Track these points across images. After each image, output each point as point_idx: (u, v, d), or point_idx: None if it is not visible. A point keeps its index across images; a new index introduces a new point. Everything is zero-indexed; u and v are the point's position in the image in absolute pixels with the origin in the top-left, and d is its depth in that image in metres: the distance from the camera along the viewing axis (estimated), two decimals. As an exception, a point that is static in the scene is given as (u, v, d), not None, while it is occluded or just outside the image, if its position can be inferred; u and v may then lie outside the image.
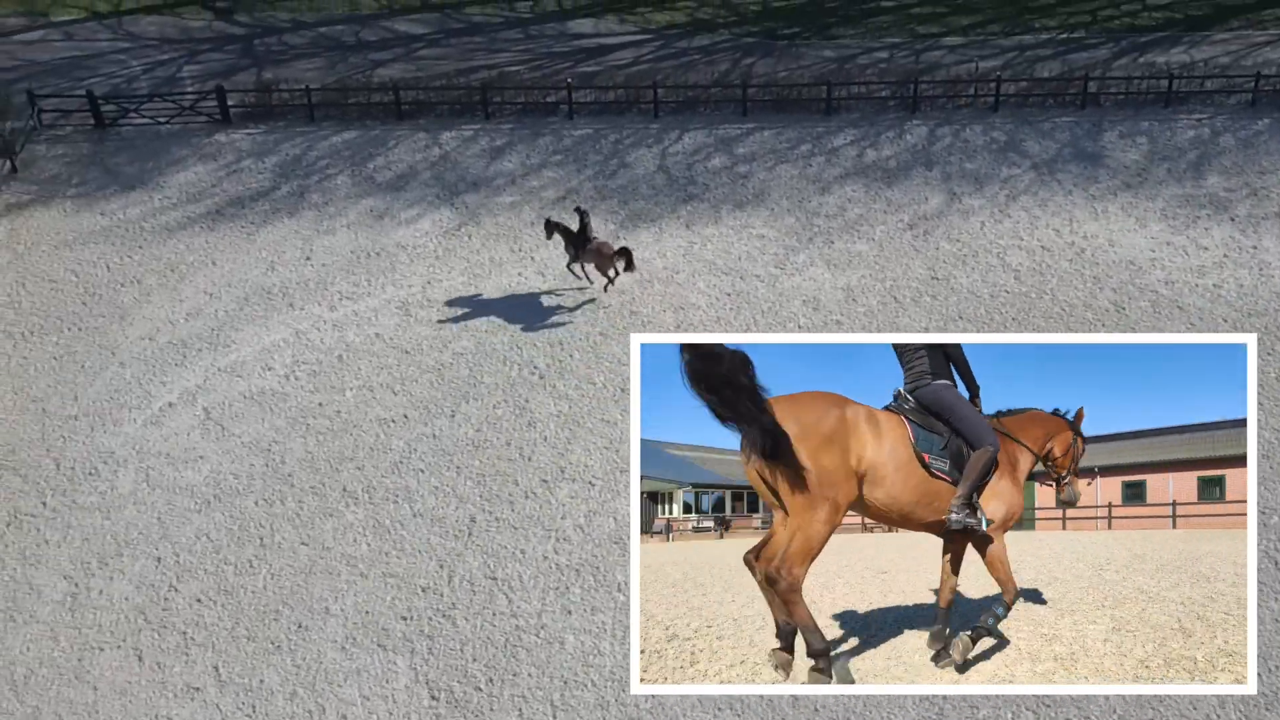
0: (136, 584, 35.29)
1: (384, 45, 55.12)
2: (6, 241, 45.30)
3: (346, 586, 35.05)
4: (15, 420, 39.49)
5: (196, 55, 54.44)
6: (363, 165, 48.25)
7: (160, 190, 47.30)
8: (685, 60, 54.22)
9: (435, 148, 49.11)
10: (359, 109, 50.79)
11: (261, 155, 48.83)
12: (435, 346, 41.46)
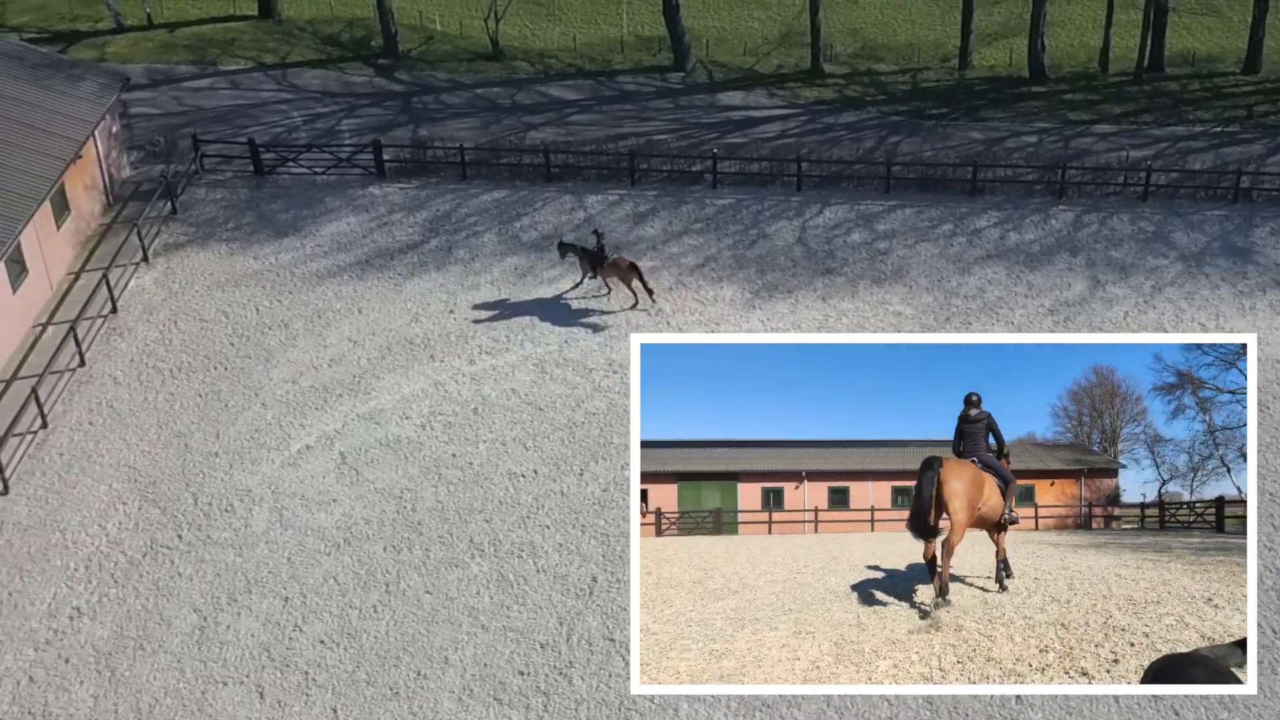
0: (263, 622, 35.51)
1: (537, 109, 55.65)
2: (162, 280, 46.28)
3: (467, 638, 34.93)
4: (159, 454, 40.13)
5: (356, 110, 55.40)
6: (509, 224, 48.61)
7: (312, 238, 48.07)
8: (831, 136, 53.97)
9: (580, 210, 49.34)
10: (509, 169, 51.25)
11: (412, 209, 49.43)
12: (568, 405, 41.42)
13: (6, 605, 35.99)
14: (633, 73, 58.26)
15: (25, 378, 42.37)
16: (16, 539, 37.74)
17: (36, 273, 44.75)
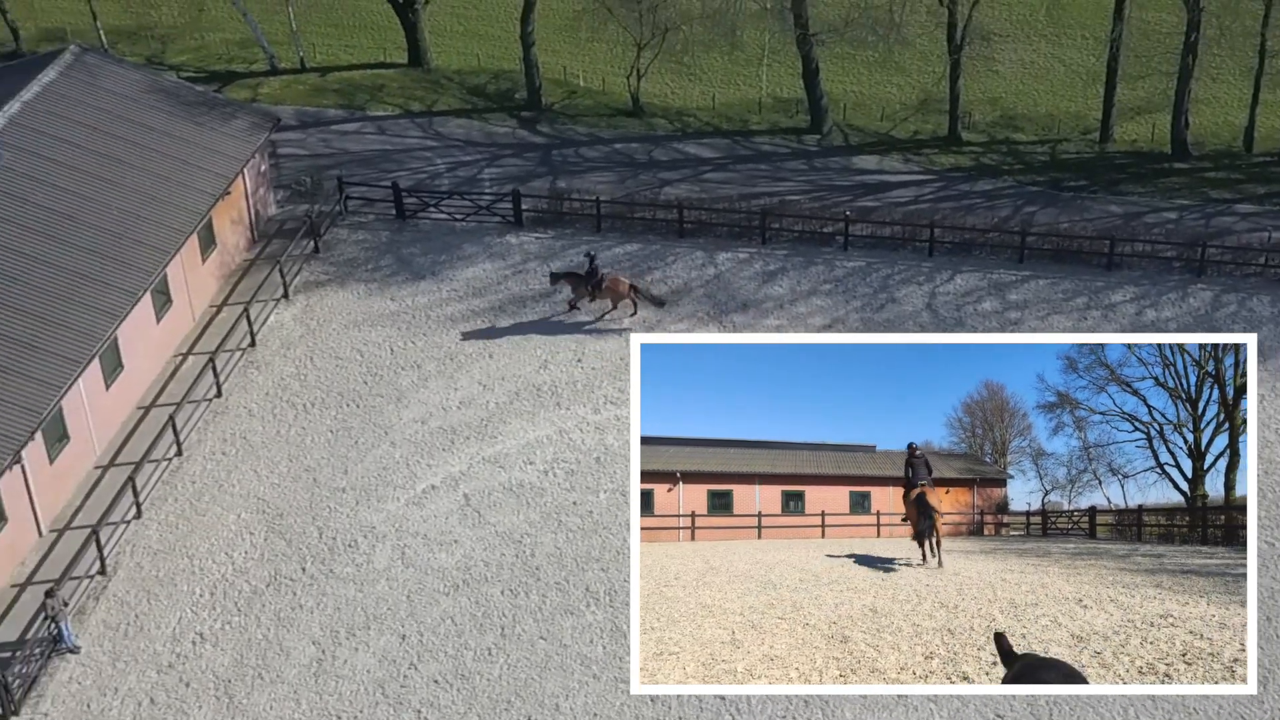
0: (379, 658, 35.55)
1: (673, 165, 55.70)
2: (301, 316, 46.91)
3: (578, 686, 34.64)
4: (288, 487, 40.52)
5: (497, 159, 55.90)
6: (641, 277, 48.56)
7: (448, 282, 48.43)
8: (965, 203, 53.28)
9: (711, 267, 49.16)
10: (643, 223, 51.28)
11: (547, 259, 49.62)
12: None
13: (133, 627, 36.46)
14: (769, 133, 58.11)
15: (163, 405, 43.11)
16: (146, 562, 38.28)
17: (180, 304, 45.60)
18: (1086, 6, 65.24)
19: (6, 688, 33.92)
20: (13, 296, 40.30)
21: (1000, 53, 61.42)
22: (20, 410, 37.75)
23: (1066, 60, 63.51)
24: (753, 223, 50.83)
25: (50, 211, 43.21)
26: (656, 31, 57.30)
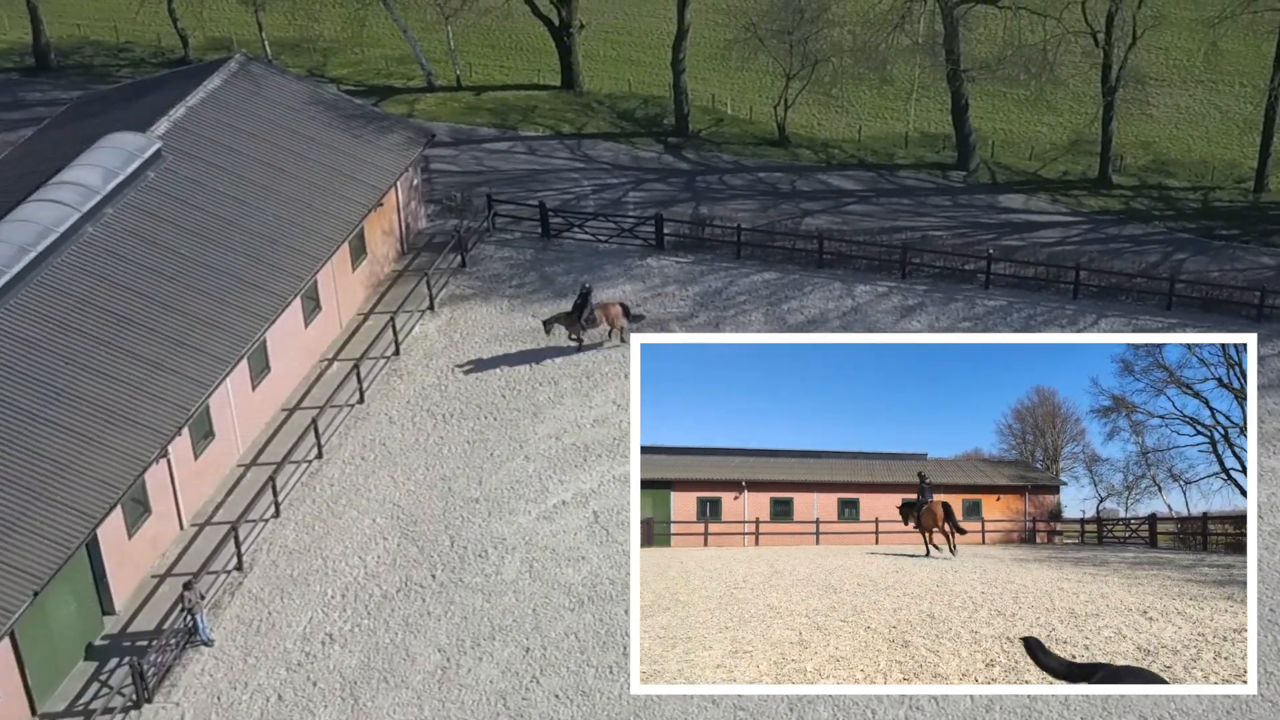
0: (503, 669, 35.62)
1: (815, 196, 55.32)
2: (445, 328, 47.34)
3: (698, 711, 34.35)
4: (423, 495, 40.86)
5: (642, 183, 55.99)
6: (777, 305, 48.25)
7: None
8: (1112, 247, 52.09)
9: (849, 299, 48.67)
10: (783, 252, 50.97)
11: (685, 283, 49.54)
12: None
13: (265, 624, 36.98)
14: (914, 168, 57.45)
15: (307, 408, 43.76)
16: (282, 561, 38.83)
17: (329, 310, 46.30)
18: (1245, 55, 63.55)
19: (142, 675, 34.59)
20: (170, 295, 41.24)
21: (1155, 97, 60.02)
22: (170, 406, 38.58)
23: (1223, 107, 61.92)
24: (893, 256, 50.24)
25: (209, 215, 44.18)
26: (806, 63, 57.01)
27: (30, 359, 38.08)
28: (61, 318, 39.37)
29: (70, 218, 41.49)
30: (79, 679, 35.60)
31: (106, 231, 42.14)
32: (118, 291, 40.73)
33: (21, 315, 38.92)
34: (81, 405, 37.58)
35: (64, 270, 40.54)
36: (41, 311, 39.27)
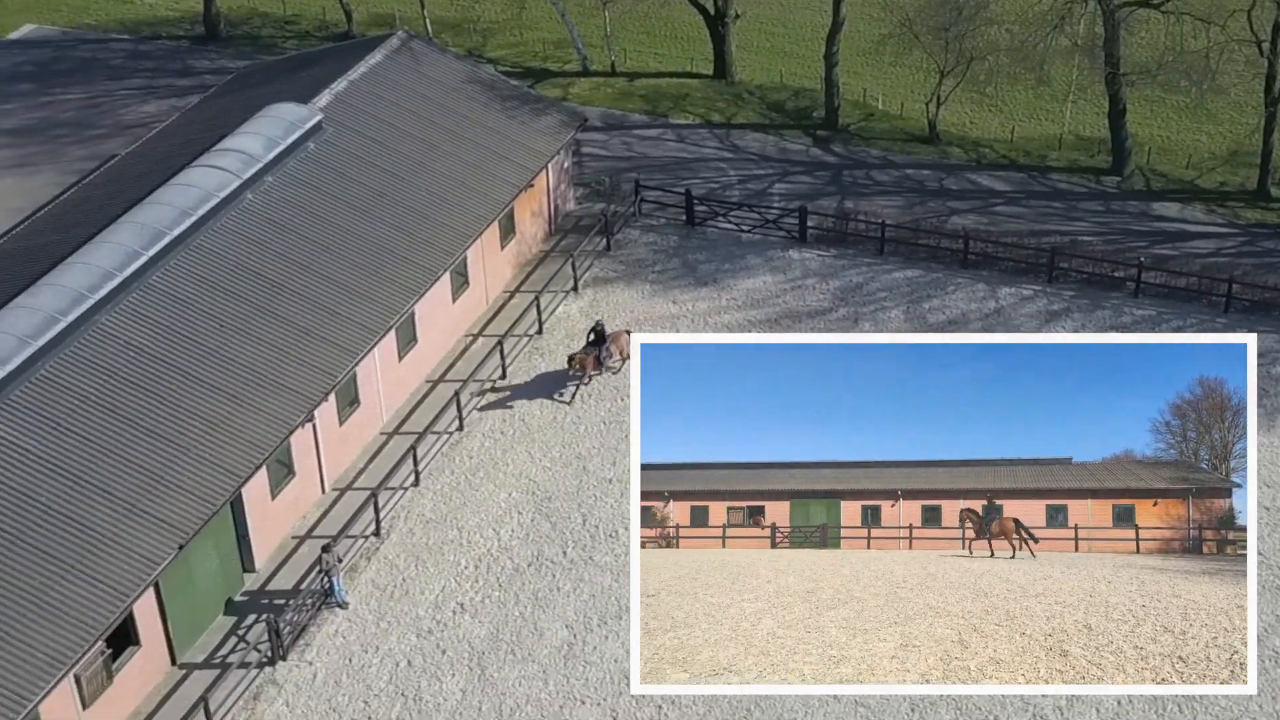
0: (627, 649, 35.78)
1: (963, 195, 54.54)
2: (587, 310, 47.61)
3: (819, 704, 34.20)
4: (558, 472, 41.18)
5: (788, 175, 55.70)
6: (918, 304, 47.71)
7: (728, 291, 48.48)
8: (1268, 261, 50.57)
9: (991, 300, 47.93)
10: (927, 250, 50.36)
11: (826, 277, 49.20)
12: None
13: (399, 590, 37.61)
14: (1066, 171, 56.34)
15: (450, 381, 44.35)
16: (419, 529, 39.44)
17: (476, 287, 46.83)
18: None
19: (278, 633, 35.40)
20: (323, 265, 42.04)
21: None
22: (318, 372, 39.36)
23: (1391, 122, 59.69)
24: (1040, 260, 49.35)
25: (365, 187, 44.93)
26: (961, 60, 56.17)
27: (187, 319, 39.10)
28: (218, 281, 40.36)
29: (231, 184, 42.49)
30: (218, 633, 36.55)
31: (265, 199, 43.07)
32: (273, 258, 41.64)
33: (180, 277, 39.98)
34: (233, 367, 38.51)
35: (223, 235, 41.54)
36: (199, 274, 40.30)
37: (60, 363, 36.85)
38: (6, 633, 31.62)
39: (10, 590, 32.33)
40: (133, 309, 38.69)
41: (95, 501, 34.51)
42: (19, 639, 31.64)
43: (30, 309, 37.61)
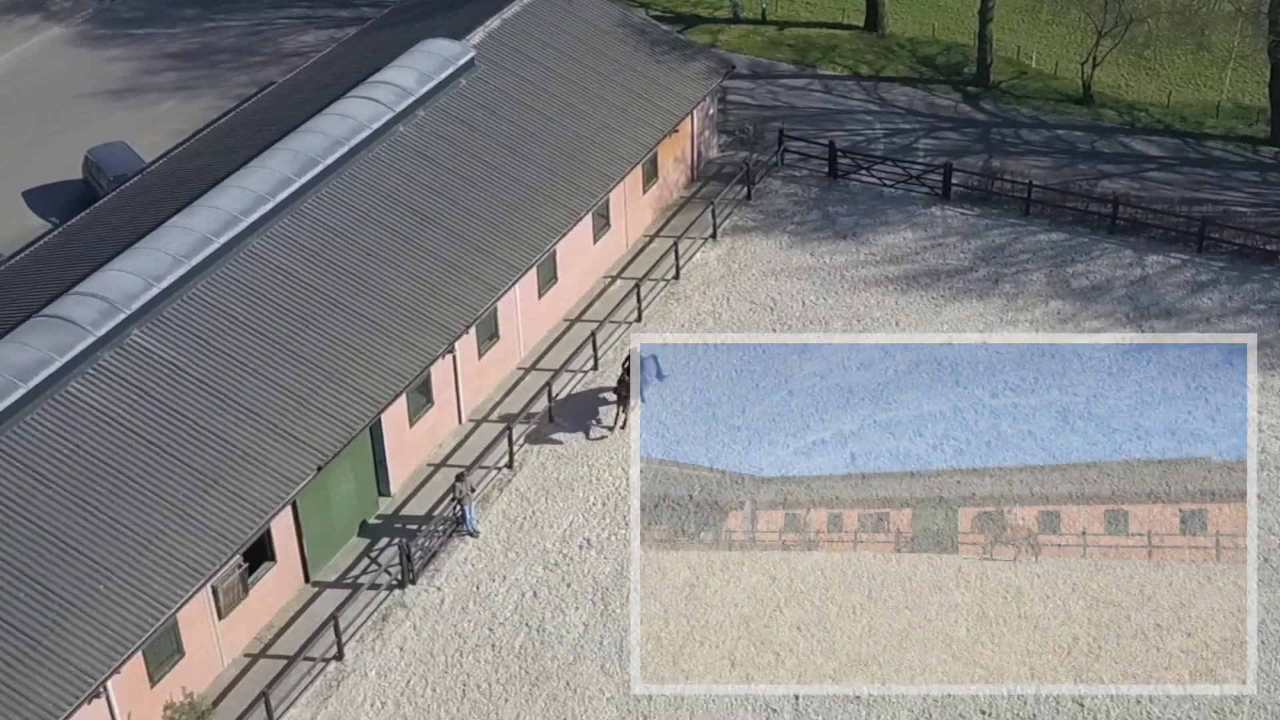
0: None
1: (1115, 159, 53.16)
2: (725, 258, 47.43)
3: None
4: (687, 416, 41.21)
5: (935, 131, 54.77)
6: (1062, 268, 46.73)
7: (868, 246, 47.93)
8: None
9: (1138, 268, 46.76)
10: (1074, 214, 49.23)
11: (968, 236, 48.39)
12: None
13: (529, 522, 38.04)
14: (1223, 139, 54.63)
15: (587, 321, 44.54)
16: (550, 464, 39.79)
17: (617, 230, 46.88)
18: None
19: (409, 557, 36.04)
20: (470, 200, 42.38)
21: None
22: (460, 305, 39.77)
23: None
24: (1190, 229, 47.99)
25: (514, 126, 45.12)
26: (1120, 21, 54.62)
27: (335, 247, 39.72)
28: (367, 210, 40.90)
29: (383, 116, 42.94)
30: (351, 553, 37.32)
31: (417, 132, 43.47)
32: (421, 191, 42.06)
33: (330, 205, 40.59)
34: (378, 296, 39.07)
35: (373, 165, 42.04)
36: (349, 203, 40.86)
37: (211, 283, 37.70)
38: (150, 542, 32.61)
39: (154, 501, 33.31)
40: (283, 234, 39.40)
41: (239, 419, 35.36)
42: (161, 548, 32.62)
43: (185, 229, 38.50)
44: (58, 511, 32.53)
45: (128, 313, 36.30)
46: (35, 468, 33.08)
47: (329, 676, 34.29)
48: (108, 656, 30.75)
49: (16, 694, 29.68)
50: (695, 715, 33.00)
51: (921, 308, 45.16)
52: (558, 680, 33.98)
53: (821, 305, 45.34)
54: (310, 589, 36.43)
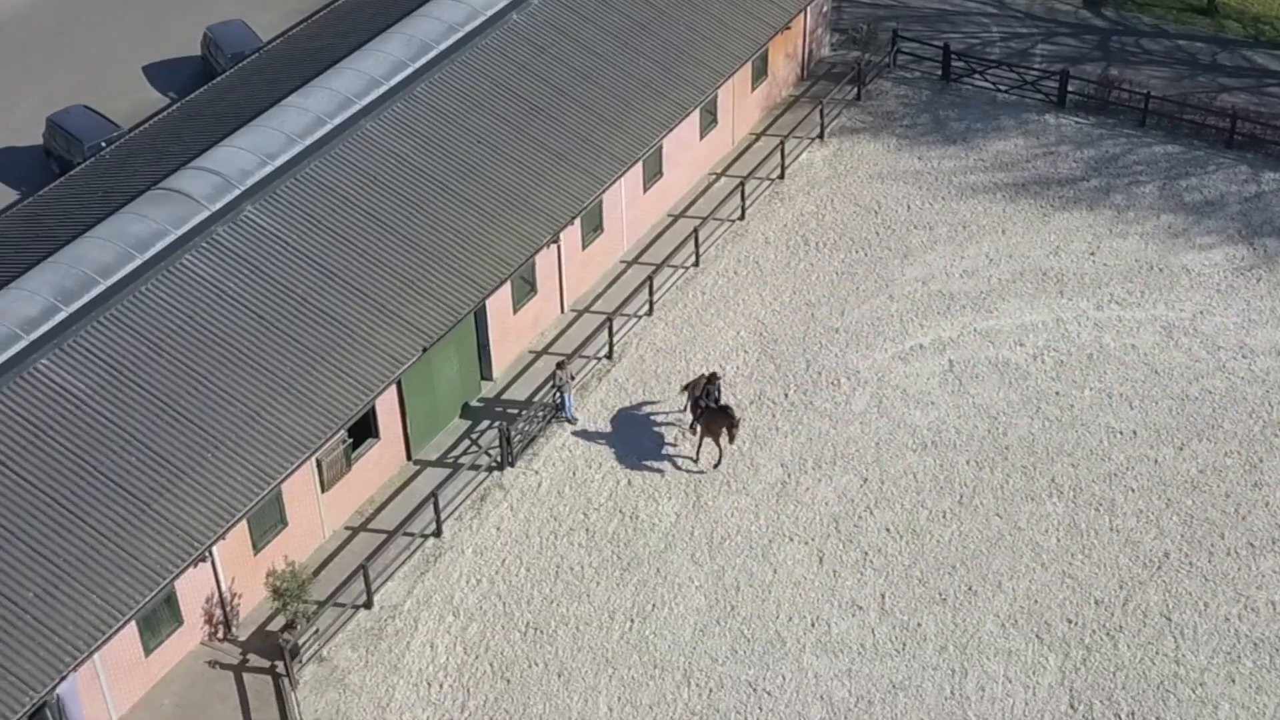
0: (839, 494, 35.81)
1: (1236, 72, 51.47)
2: (831, 159, 46.77)
3: (1025, 571, 33.78)
4: (786, 316, 40.97)
5: (1053, 36, 53.30)
6: (1175, 181, 45.51)
7: (977, 151, 46.97)
8: None
9: (1253, 184, 45.43)
10: (1190, 127, 47.84)
11: (1081, 145, 47.23)
12: (1186, 376, 38.69)
13: (626, 413, 38.17)
14: (1350, 56, 52.66)
15: (690, 218, 44.26)
16: (648, 356, 39.82)
17: (724, 126, 46.35)
18: None
19: (509, 440, 36.37)
20: (580, 92, 42.06)
21: None
22: (566, 196, 39.67)
23: None
24: (1310, 147, 46.51)
25: (626, 18, 44.58)
26: (1251, -70, 52.63)
27: (446, 133, 39.69)
28: (478, 98, 40.76)
29: (498, 3, 42.69)
30: (452, 434, 37.74)
31: (530, 21, 43.13)
32: (532, 80, 41.80)
33: (443, 90, 40.50)
34: (486, 183, 39.07)
35: (486, 53, 41.81)
36: (462, 89, 40.74)
37: (324, 163, 37.91)
38: (257, 414, 33.19)
39: (263, 375, 33.85)
40: (396, 118, 39.43)
41: (348, 298, 35.70)
42: (268, 420, 33.19)
43: (300, 109, 38.67)
44: (170, 380, 33.19)
45: (242, 189, 36.71)
46: (149, 337, 33.72)
47: (427, 552, 34.88)
48: (214, 523, 31.49)
49: (126, 554, 30.52)
50: (781, 608, 33.18)
51: (1029, 216, 44.31)
52: (648, 567, 34.28)
53: (927, 210, 44.64)
54: (412, 467, 36.95)
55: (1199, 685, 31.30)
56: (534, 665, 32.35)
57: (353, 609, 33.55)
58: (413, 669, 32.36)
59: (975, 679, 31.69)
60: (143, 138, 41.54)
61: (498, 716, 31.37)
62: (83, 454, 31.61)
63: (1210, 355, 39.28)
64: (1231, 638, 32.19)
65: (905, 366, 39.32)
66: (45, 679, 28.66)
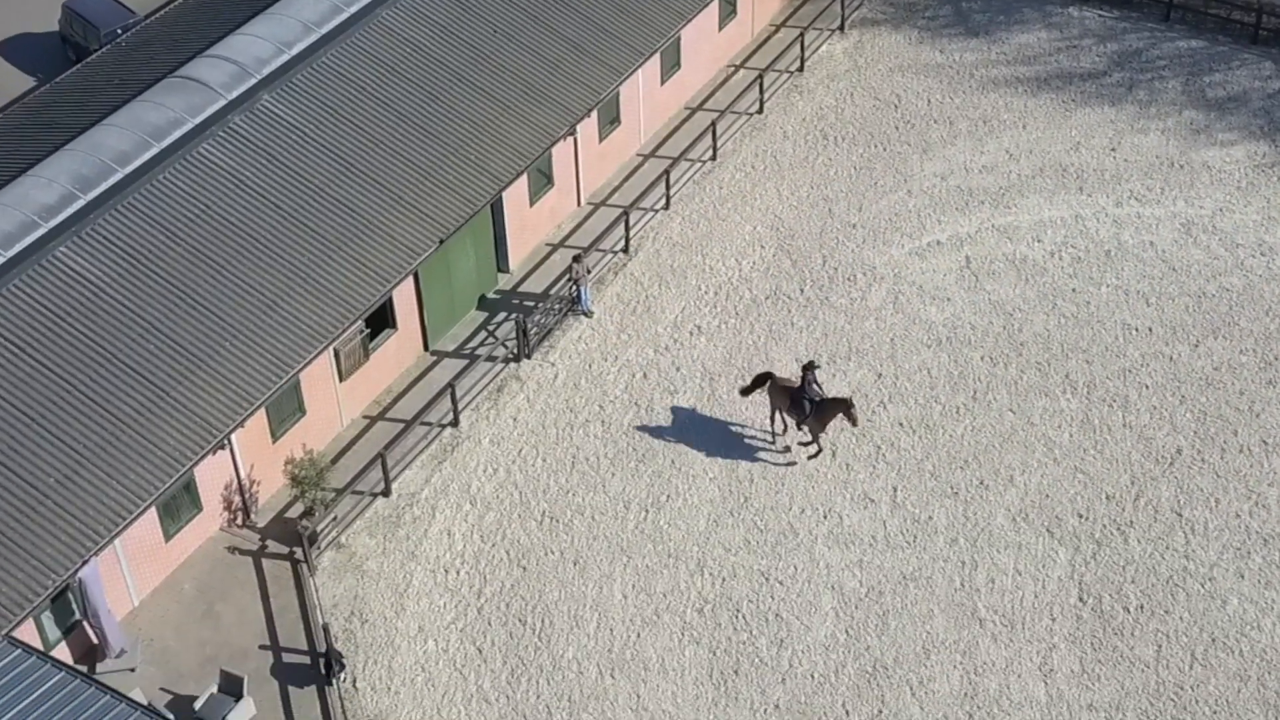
0: (854, 389, 35.65)
1: (1263, -34, 50.34)
2: (851, 51, 45.96)
3: (1037, 465, 33.67)
4: (804, 211, 40.51)
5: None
6: (1198, 77, 44.65)
7: (999, 45, 46.11)
8: None
9: (1277, 80, 44.53)
10: (1216, 21, 46.82)
11: (1105, 39, 46.31)
12: (1204, 274, 38.24)
13: (642, 306, 37.94)
14: (1380, -49, 51.36)
15: (708, 111, 43.63)
16: (665, 251, 39.48)
17: (743, 17, 45.53)
18: None
19: (525, 332, 36.21)
20: (597, -19, 41.32)
21: None
22: (583, 87, 39.09)
23: None
24: (1336, 43, 45.53)
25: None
26: None
27: (464, 21, 39.05)
28: (496, -12, 40.07)
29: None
30: (469, 326, 37.58)
31: (547, -90, 42.22)
32: (550, -30, 41.05)
33: (461, -20, 39.79)
34: (504, 74, 38.49)
35: (504, -58, 41.02)
36: (479, -21, 40.03)
37: (341, 52, 37.36)
38: (275, 303, 33.03)
39: (280, 264, 33.64)
40: (414, 6, 38.80)
41: (364, 189, 35.36)
42: (286, 310, 33.04)
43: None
44: (187, 269, 33.01)
45: (259, 77, 36.23)
46: (166, 225, 33.49)
47: (444, 441, 34.88)
48: (232, 410, 31.48)
49: (146, 441, 30.56)
50: (794, 498, 33.19)
51: (1050, 111, 43.57)
52: (663, 458, 34.25)
53: (948, 104, 43.91)
54: (429, 357, 36.85)
55: (1208, 580, 31.29)
56: (550, 553, 32.47)
57: (371, 496, 33.65)
58: (430, 556, 32.51)
59: (985, 571, 31.72)
60: (159, 24, 40.97)
61: (514, 602, 31.55)
62: (101, 341, 31.54)
63: (1229, 253, 38.80)
64: (1242, 534, 32.12)
65: (922, 262, 38.92)
66: (67, 563, 28.85)
